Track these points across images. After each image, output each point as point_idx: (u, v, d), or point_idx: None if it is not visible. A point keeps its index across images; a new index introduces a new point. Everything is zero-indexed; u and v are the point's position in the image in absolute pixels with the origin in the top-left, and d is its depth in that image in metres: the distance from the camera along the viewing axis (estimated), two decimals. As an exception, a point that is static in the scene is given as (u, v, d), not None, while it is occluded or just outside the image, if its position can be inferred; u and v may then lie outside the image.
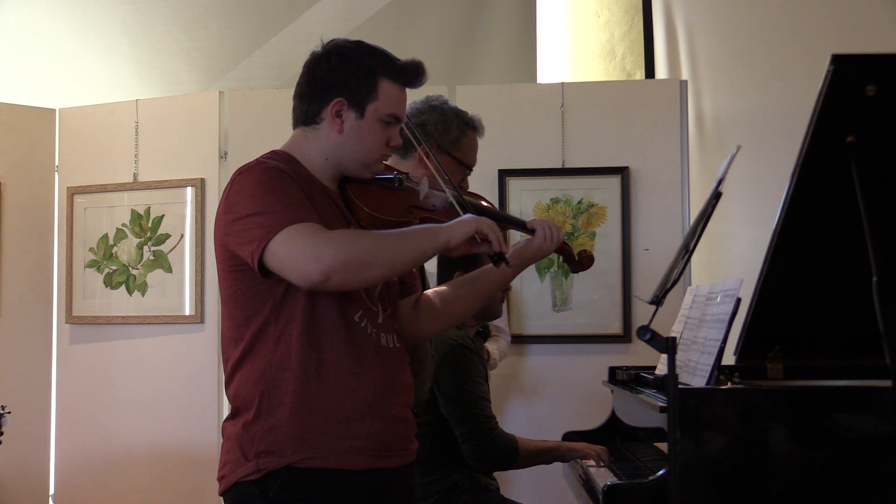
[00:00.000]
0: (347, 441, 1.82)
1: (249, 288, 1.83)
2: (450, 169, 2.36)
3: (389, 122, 1.94)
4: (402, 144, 2.04)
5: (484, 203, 2.16)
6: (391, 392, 1.90)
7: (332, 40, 1.97)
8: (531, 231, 2.09)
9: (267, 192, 1.79)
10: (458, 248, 1.84)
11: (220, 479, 1.88)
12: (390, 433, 1.89)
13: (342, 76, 1.91)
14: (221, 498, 1.93)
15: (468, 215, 1.88)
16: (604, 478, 2.53)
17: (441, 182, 2.02)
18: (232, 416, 1.89)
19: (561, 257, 2.24)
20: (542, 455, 2.94)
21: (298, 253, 1.72)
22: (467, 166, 2.42)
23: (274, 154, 1.94)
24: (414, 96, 2.46)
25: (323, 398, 1.81)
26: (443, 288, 2.16)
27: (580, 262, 2.23)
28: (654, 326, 1.82)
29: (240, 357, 1.86)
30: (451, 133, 2.45)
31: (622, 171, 4.28)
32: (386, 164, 2.02)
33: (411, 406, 1.99)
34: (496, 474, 3.07)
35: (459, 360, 2.86)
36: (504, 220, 2.19)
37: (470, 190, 2.21)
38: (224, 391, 1.96)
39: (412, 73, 1.95)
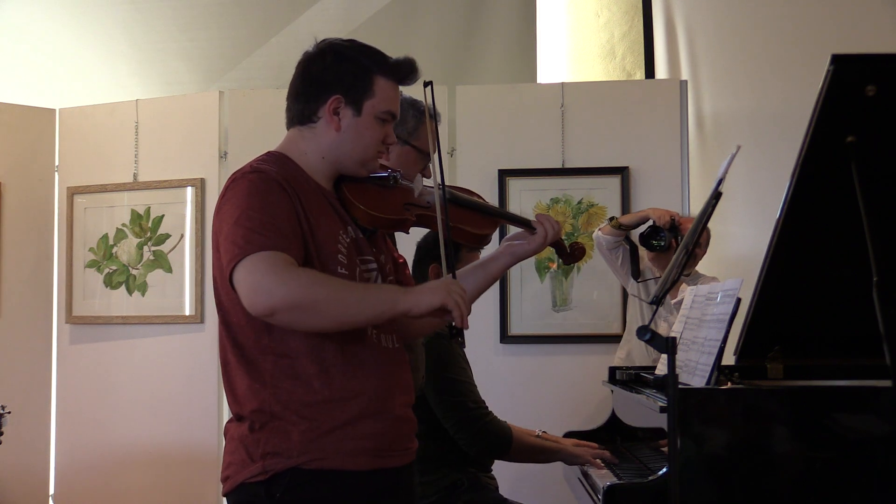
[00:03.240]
0: (352, 441, 1.82)
1: None
2: (410, 158, 2.40)
3: (385, 120, 1.95)
4: (396, 142, 2.05)
5: (477, 199, 2.16)
6: (393, 392, 1.90)
7: (325, 39, 1.98)
8: (533, 230, 2.10)
9: (252, 208, 1.78)
10: (421, 316, 1.79)
11: (225, 479, 1.88)
12: (393, 433, 1.89)
13: (338, 74, 1.92)
14: (223, 498, 1.93)
15: (440, 283, 1.80)
16: (604, 478, 2.53)
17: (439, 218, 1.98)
18: (235, 420, 1.89)
19: (553, 249, 2.24)
20: (541, 453, 2.92)
21: (253, 281, 1.71)
22: (427, 154, 2.43)
23: (269, 156, 1.94)
24: (412, 95, 2.47)
25: (329, 402, 1.81)
26: None
27: (572, 253, 2.25)
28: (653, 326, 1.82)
29: (240, 362, 1.85)
30: (409, 123, 2.47)
31: (622, 171, 4.28)
32: (380, 164, 2.02)
33: (412, 405, 1.99)
34: (495, 473, 3.06)
35: (440, 349, 2.84)
36: (505, 218, 2.20)
37: (464, 187, 2.20)
38: (224, 392, 1.96)
39: (406, 70, 1.96)
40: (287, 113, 1.99)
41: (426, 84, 1.98)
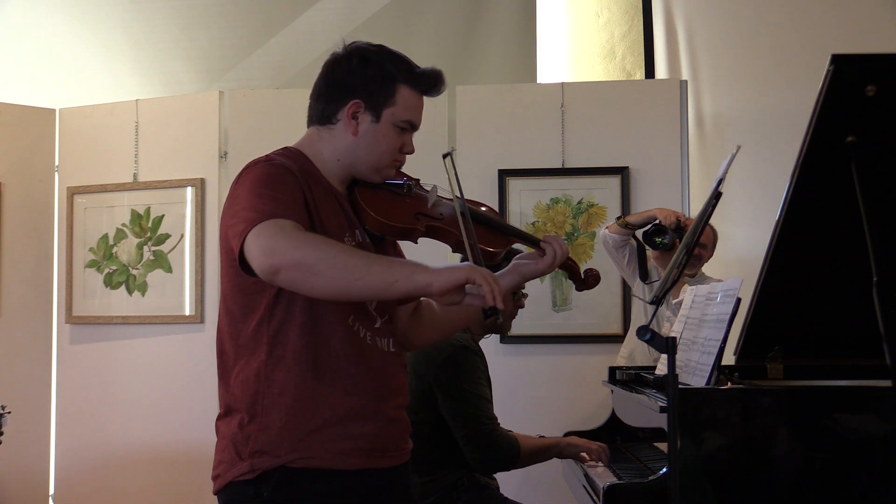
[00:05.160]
0: (342, 441, 1.82)
1: (248, 284, 1.83)
2: None
3: (405, 129, 1.95)
4: (414, 151, 2.03)
5: (491, 215, 2.14)
6: (386, 394, 1.90)
7: (354, 42, 1.97)
8: (542, 250, 2.07)
9: (262, 188, 1.78)
10: (444, 295, 1.68)
11: (215, 478, 1.88)
12: (385, 434, 1.89)
13: (362, 79, 1.92)
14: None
15: (465, 263, 1.73)
16: (604, 478, 2.53)
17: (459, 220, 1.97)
18: (225, 415, 1.88)
19: (566, 273, 2.21)
20: (542, 453, 2.94)
21: (261, 244, 1.70)
22: None
23: (285, 151, 1.95)
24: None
25: (319, 399, 1.82)
26: None
27: (586, 280, 2.20)
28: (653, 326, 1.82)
29: (235, 354, 1.86)
30: None
31: (622, 171, 4.28)
32: (397, 171, 2.01)
33: (406, 406, 1.99)
34: (496, 473, 3.07)
35: (462, 361, 2.87)
36: (515, 235, 2.17)
37: (478, 200, 2.18)
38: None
39: (432, 82, 1.95)
40: (308, 111, 2.00)
41: (445, 155, 1.96)
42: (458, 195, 1.95)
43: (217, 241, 3.84)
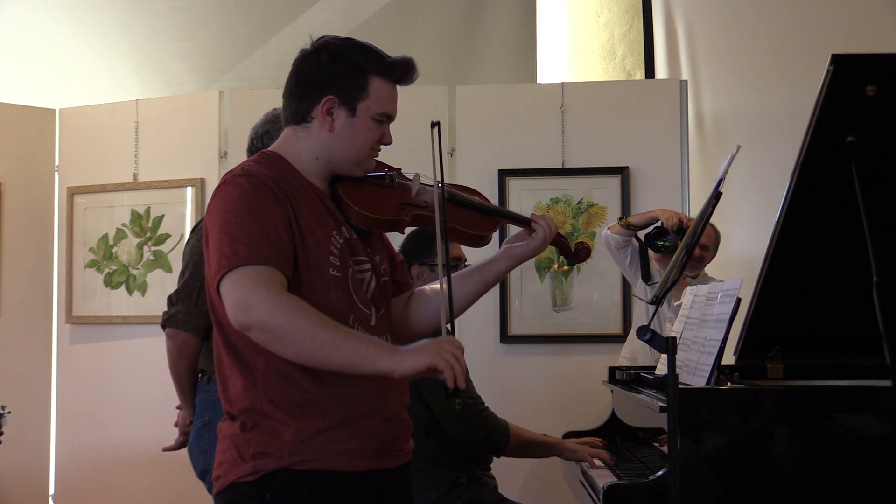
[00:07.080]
0: (345, 442, 1.82)
1: None
2: None
3: (381, 121, 1.93)
4: (392, 142, 2.02)
5: (476, 198, 2.15)
6: (387, 393, 1.90)
7: (322, 38, 1.95)
8: (532, 230, 2.08)
9: (240, 216, 1.77)
10: (406, 378, 1.72)
11: (216, 479, 1.87)
12: (387, 434, 1.89)
13: (332, 74, 1.90)
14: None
15: (431, 342, 1.71)
16: (604, 478, 2.53)
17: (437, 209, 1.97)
18: (229, 419, 1.88)
19: (557, 250, 2.22)
20: (538, 447, 2.92)
21: (235, 298, 1.72)
22: None
23: (262, 156, 1.93)
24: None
25: (320, 401, 1.81)
26: (436, 285, 2.15)
27: (577, 253, 2.22)
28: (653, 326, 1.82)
29: (233, 361, 1.85)
30: None
31: (622, 171, 4.28)
32: (378, 162, 2.01)
33: (407, 405, 1.98)
34: (495, 472, 3.06)
35: None
36: (504, 217, 2.18)
37: (466, 185, 2.19)
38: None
39: (403, 71, 1.93)
40: (282, 111, 1.99)
41: (434, 124, 1.94)
42: (440, 179, 1.93)
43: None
